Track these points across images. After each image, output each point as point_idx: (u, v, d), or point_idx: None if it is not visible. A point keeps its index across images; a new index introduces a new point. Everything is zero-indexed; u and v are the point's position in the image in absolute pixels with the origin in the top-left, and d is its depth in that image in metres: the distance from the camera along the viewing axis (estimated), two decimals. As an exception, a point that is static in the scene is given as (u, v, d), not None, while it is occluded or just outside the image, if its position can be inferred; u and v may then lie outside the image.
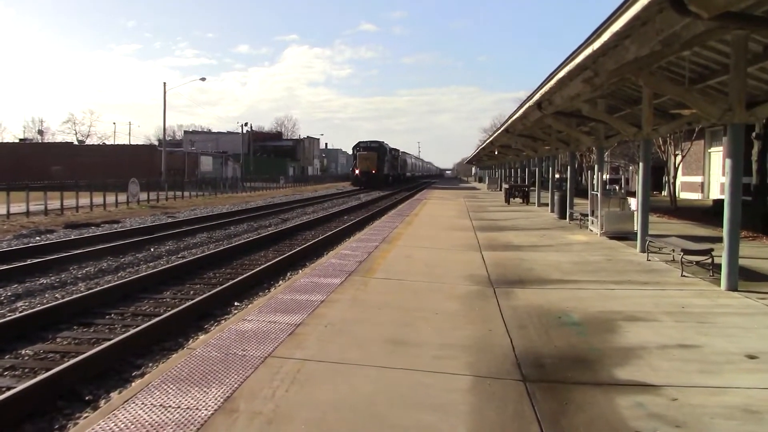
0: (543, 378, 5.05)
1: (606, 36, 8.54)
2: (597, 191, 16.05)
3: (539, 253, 12.47)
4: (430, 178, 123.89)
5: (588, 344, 6.01)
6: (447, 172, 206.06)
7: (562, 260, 11.48)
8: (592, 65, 10.35)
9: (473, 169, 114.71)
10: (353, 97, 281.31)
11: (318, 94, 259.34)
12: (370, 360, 5.46)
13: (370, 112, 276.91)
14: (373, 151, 61.26)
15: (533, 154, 31.67)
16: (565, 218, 20.43)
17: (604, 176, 17.38)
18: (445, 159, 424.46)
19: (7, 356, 6.93)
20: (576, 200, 21.65)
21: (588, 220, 17.11)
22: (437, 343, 6.01)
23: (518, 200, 31.54)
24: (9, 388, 5.68)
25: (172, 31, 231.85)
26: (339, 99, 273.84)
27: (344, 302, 7.71)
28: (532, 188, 32.58)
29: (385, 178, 63.95)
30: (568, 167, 23.73)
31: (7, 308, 9.09)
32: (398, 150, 77.90)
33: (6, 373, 6.44)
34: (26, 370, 6.48)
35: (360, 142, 63.72)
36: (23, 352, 7.08)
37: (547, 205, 25.64)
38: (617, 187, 18.12)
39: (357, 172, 61.02)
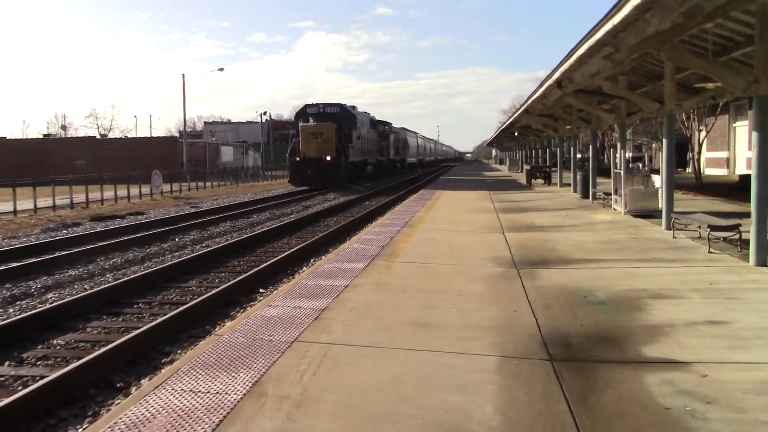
0: (570, 357, 5.03)
1: (626, 10, 8.39)
2: (620, 169, 15.85)
3: (563, 233, 12.38)
4: (448, 163, 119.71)
5: (614, 322, 5.96)
6: (467, 155, 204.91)
7: (586, 239, 11.38)
8: (613, 41, 10.17)
9: (493, 151, 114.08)
10: (371, 82, 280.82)
11: (335, 81, 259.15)
12: (396, 343, 5.47)
13: (388, 97, 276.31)
14: (328, 120, 35.22)
15: (554, 134, 31.36)
16: (588, 198, 20.24)
17: (627, 154, 17.12)
18: (464, 142, 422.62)
19: (39, 346, 7.07)
20: (599, 179, 21.42)
21: (611, 199, 16.93)
22: (462, 324, 6.01)
23: (540, 181, 31.29)
24: (42, 377, 5.81)
25: (187, 22, 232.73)
26: (357, 85, 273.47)
27: (368, 286, 7.73)
28: (553, 169, 32.30)
29: (358, 168, 39.58)
30: (590, 146, 23.47)
31: (38, 300, 9.26)
32: (389, 123, 53.40)
33: (39, 362, 6.58)
34: (58, 359, 6.61)
35: (307, 106, 37.72)
36: (55, 341, 7.22)
37: (569, 185, 25.42)
38: (640, 165, 17.81)
39: (298, 158, 34.43)
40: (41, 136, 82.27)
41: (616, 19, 8.85)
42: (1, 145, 65.23)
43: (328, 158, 33.72)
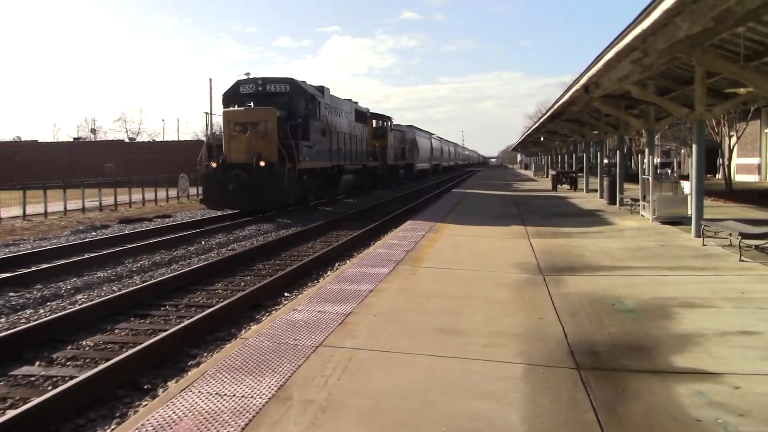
0: (597, 366, 4.96)
1: (656, 14, 8.30)
2: (648, 175, 15.65)
3: (589, 240, 12.24)
4: (472, 168, 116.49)
5: (643, 331, 5.87)
6: (492, 159, 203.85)
7: (614, 246, 11.24)
8: (642, 45, 10.07)
9: (518, 156, 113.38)
10: (396, 86, 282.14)
11: (361, 85, 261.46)
12: (420, 348, 5.45)
13: (414, 102, 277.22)
14: (269, 104, 22.55)
15: (580, 139, 31.08)
16: (615, 204, 20.00)
17: (655, 160, 16.92)
18: (489, 147, 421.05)
19: (69, 347, 7.18)
20: (626, 185, 21.16)
21: (639, 206, 16.71)
22: (487, 331, 5.97)
23: (566, 186, 31.04)
24: (72, 377, 5.90)
25: (215, 27, 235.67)
26: (382, 89, 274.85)
27: (393, 291, 7.72)
28: (579, 174, 32.00)
29: (326, 178, 26.82)
30: (617, 151, 23.21)
31: (68, 301, 9.41)
32: (388, 118, 40.82)
33: (68, 363, 6.68)
34: (87, 360, 6.71)
35: (240, 83, 24.11)
36: (84, 342, 7.32)
37: (595, 191, 25.14)
38: (669, 171, 17.61)
39: (214, 164, 21.71)
40: (72, 140, 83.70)
41: (646, 23, 8.75)
42: (33, 147, 66.59)
43: (262, 164, 20.59)
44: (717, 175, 35.42)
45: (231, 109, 22.61)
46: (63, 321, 7.79)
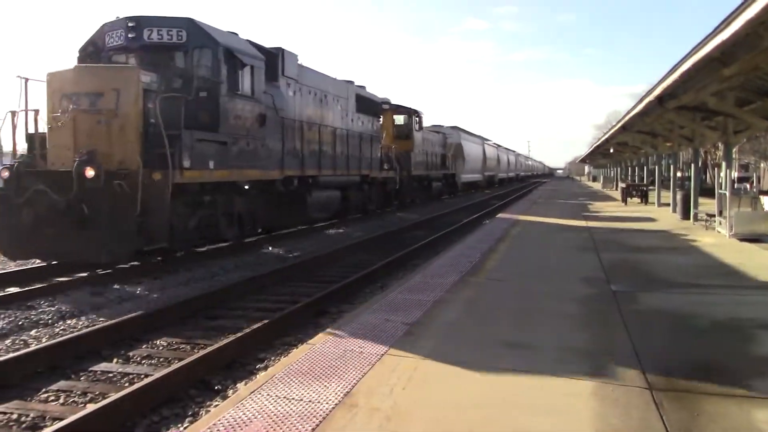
0: (670, 386, 4.80)
1: (738, 24, 8.00)
2: (725, 190, 15.04)
3: (661, 255, 11.86)
4: (537, 179, 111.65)
5: (719, 352, 5.65)
6: (558, 171, 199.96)
7: (687, 263, 10.85)
8: (721, 56, 9.72)
9: (586, 168, 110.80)
10: (461, 94, 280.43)
11: (426, 93, 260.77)
12: (486, 361, 5.41)
13: (480, 110, 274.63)
14: (146, 61, 12.45)
15: (652, 151, 30.15)
16: (689, 219, 19.28)
17: (733, 174, 16.26)
18: (556, 158, 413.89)
19: (143, 346, 7.49)
20: (701, 200, 20.37)
21: (715, 221, 16.07)
22: (555, 345, 5.87)
23: (636, 200, 30.15)
24: (147, 375, 6.15)
25: (278, 37, 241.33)
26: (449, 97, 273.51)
27: (458, 302, 7.70)
28: (651, 187, 31.04)
29: (275, 202, 15.97)
30: (691, 165, 22.41)
31: (144, 302, 9.81)
32: (417, 113, 31.23)
33: (144, 361, 6.97)
34: (161, 360, 6.98)
35: (105, 28, 12.89)
36: (158, 342, 7.62)
37: (668, 205, 24.31)
38: (747, 186, 16.90)
39: (5, 174, 10.58)
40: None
41: (726, 33, 8.45)
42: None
43: (90, 173, 10.04)
44: (800, 190, 33.67)
45: (55, 70, 11.61)
46: (139, 321, 8.15)
